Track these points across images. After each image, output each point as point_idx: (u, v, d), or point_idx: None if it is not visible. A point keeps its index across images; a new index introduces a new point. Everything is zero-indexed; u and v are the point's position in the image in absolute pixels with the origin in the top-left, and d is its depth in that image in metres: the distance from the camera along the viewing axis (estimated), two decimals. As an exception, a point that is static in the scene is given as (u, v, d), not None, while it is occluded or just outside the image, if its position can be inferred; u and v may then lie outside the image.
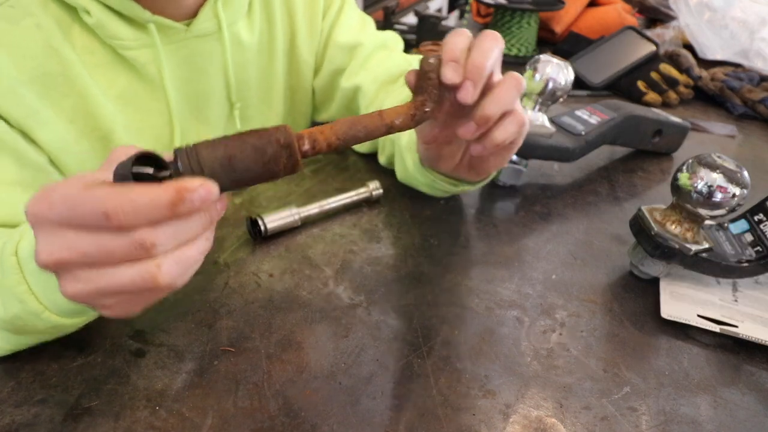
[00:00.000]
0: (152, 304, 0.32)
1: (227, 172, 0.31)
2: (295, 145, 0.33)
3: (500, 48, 0.41)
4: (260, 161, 0.32)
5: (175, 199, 0.28)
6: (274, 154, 0.32)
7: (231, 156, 0.31)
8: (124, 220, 0.27)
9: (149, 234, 0.28)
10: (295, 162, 0.33)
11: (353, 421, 0.38)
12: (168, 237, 0.29)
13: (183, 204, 0.28)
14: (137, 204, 0.27)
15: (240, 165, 0.31)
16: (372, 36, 0.72)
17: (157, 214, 0.28)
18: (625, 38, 1.05)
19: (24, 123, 0.47)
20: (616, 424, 0.39)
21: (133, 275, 0.29)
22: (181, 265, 0.30)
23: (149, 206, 0.27)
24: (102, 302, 0.30)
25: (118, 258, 0.28)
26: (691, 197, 0.48)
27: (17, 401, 0.39)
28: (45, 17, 0.47)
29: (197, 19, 0.54)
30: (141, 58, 0.52)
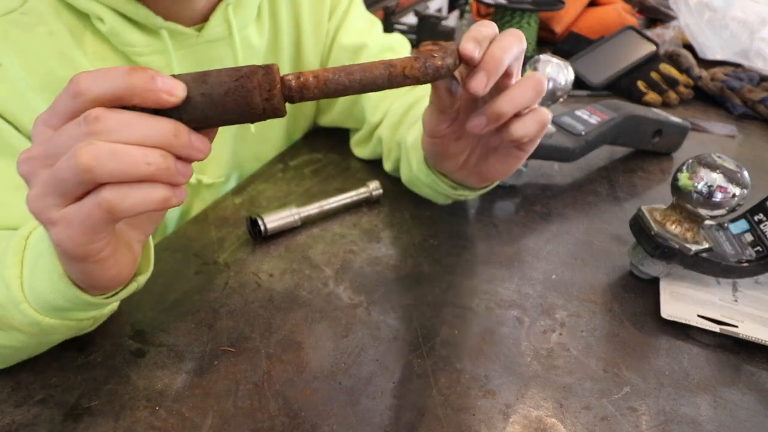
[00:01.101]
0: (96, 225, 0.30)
1: (198, 84, 0.30)
2: (273, 68, 0.31)
3: (522, 47, 0.39)
4: (234, 75, 0.30)
5: (133, 69, 0.28)
6: (248, 71, 0.31)
7: (205, 72, 0.31)
8: (82, 82, 0.28)
9: (98, 110, 0.28)
10: (272, 81, 0.31)
11: (353, 421, 0.38)
12: (115, 121, 0.28)
13: (142, 73, 0.28)
14: (97, 72, 0.29)
15: (212, 78, 0.30)
16: (378, 38, 0.71)
17: (113, 80, 0.28)
18: (625, 38, 1.05)
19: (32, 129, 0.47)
20: (616, 424, 0.39)
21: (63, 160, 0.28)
22: (113, 155, 0.28)
23: (106, 71, 0.28)
24: (49, 214, 0.30)
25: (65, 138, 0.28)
26: (691, 197, 0.48)
27: (17, 401, 0.39)
28: (57, 24, 0.47)
29: (208, 24, 0.54)
30: (153, 64, 0.52)
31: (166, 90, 0.29)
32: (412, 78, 0.35)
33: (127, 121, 0.29)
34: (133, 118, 0.29)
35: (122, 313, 0.46)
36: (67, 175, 0.28)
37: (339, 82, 0.33)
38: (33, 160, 0.30)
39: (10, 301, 0.36)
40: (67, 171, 0.28)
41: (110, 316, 0.45)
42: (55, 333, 0.40)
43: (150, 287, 0.48)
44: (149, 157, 0.29)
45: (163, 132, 0.29)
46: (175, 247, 0.54)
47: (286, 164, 0.70)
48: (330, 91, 0.33)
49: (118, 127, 0.28)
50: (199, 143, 0.31)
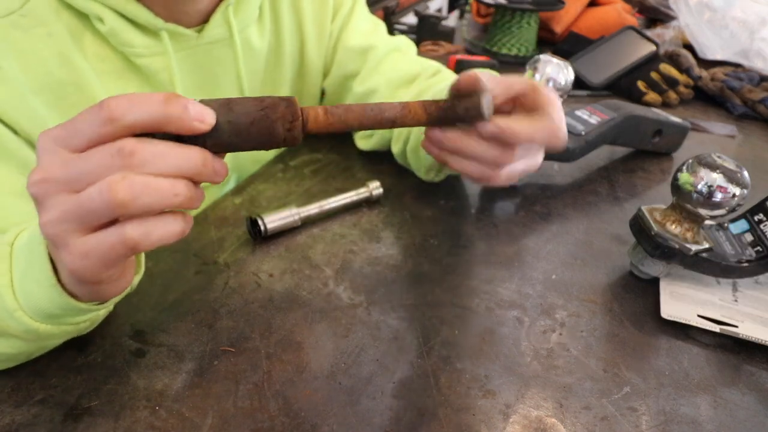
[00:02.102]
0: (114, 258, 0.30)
1: (225, 111, 0.31)
2: (295, 101, 0.33)
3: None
4: (258, 105, 0.32)
5: (168, 97, 0.28)
6: (272, 102, 0.33)
7: (230, 100, 0.32)
8: (114, 107, 0.27)
9: (132, 142, 0.28)
10: (295, 113, 0.33)
11: (353, 421, 0.38)
12: (149, 153, 0.28)
13: (176, 103, 0.28)
14: (131, 96, 0.28)
15: (238, 107, 0.32)
16: (384, 39, 0.71)
17: (147, 107, 0.28)
18: (625, 38, 1.05)
19: (32, 132, 0.47)
20: (616, 424, 0.39)
21: (94, 189, 0.28)
22: (147, 189, 0.28)
23: (141, 98, 0.28)
24: (66, 240, 0.29)
25: (96, 168, 0.28)
26: (691, 197, 0.48)
27: (17, 401, 0.38)
28: (57, 25, 0.47)
29: (208, 26, 0.54)
30: (153, 66, 0.52)
31: (198, 118, 0.29)
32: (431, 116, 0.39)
33: (161, 154, 0.29)
34: (166, 149, 0.29)
35: (122, 313, 0.46)
36: (97, 207, 0.28)
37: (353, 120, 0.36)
38: (50, 182, 0.29)
39: (4, 310, 0.36)
40: (99, 203, 0.28)
41: (110, 316, 0.45)
42: (53, 338, 0.40)
43: (150, 287, 0.48)
44: (177, 188, 0.29)
45: (193, 163, 0.30)
46: (175, 247, 0.54)
47: (286, 164, 0.70)
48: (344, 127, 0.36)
49: (153, 159, 0.28)
50: (220, 168, 0.32)
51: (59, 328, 0.38)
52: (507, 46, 1.14)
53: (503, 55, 1.14)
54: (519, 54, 1.14)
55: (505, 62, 1.12)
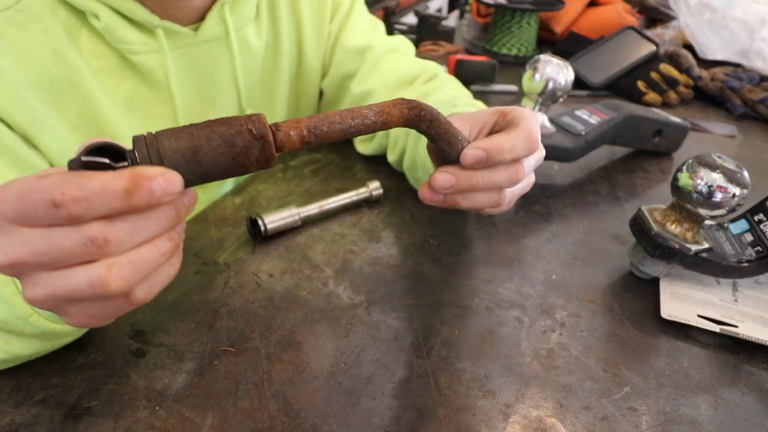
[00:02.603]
0: (120, 313, 0.30)
1: (191, 165, 0.28)
2: (269, 137, 0.30)
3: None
4: (229, 153, 0.29)
5: (130, 187, 0.26)
6: (244, 146, 0.29)
7: (196, 147, 0.28)
8: (74, 209, 0.25)
9: (102, 229, 0.26)
10: (269, 155, 0.30)
11: (353, 421, 0.38)
12: (124, 234, 0.27)
13: (140, 193, 0.26)
14: (87, 191, 0.25)
15: (206, 158, 0.28)
16: (383, 40, 0.71)
17: (111, 204, 0.26)
18: (625, 38, 1.05)
19: (28, 129, 0.47)
20: (616, 424, 0.39)
21: (83, 278, 0.27)
22: (136, 267, 0.27)
23: (101, 193, 0.25)
24: (64, 309, 0.29)
25: (69, 256, 0.26)
26: (691, 197, 0.48)
27: (17, 401, 0.38)
28: (53, 22, 0.47)
29: (204, 24, 0.54)
30: (148, 63, 0.52)
31: (165, 194, 0.27)
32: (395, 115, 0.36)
33: (134, 229, 0.27)
34: (138, 222, 0.27)
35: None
36: (91, 296, 0.27)
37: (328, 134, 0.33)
38: (22, 266, 0.27)
39: (17, 318, 0.36)
40: (91, 293, 0.27)
41: (110, 316, 0.45)
42: (69, 335, 0.40)
43: (150, 287, 0.48)
44: (162, 248, 0.29)
45: (167, 221, 0.29)
46: (175, 247, 0.54)
47: (286, 164, 0.70)
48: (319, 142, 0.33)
49: (127, 237, 0.27)
50: (192, 199, 0.31)
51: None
52: (507, 46, 1.14)
53: (503, 55, 1.14)
54: (519, 54, 1.14)
55: (505, 62, 1.12)
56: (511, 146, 0.39)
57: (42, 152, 0.49)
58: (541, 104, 0.64)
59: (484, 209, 0.44)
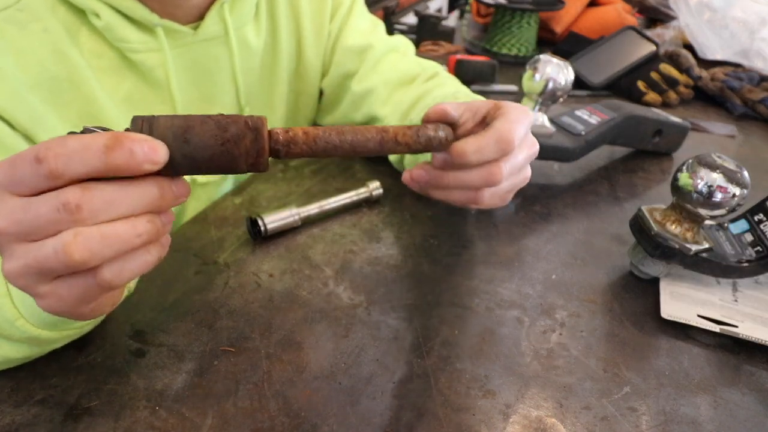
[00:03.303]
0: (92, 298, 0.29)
1: (180, 143, 0.28)
2: (263, 132, 0.30)
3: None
4: (219, 138, 0.28)
5: (110, 144, 0.26)
6: (236, 133, 0.29)
7: (188, 126, 0.28)
8: (53, 164, 0.25)
9: (75, 194, 0.26)
10: (261, 149, 0.30)
11: (353, 421, 0.38)
12: (99, 201, 0.26)
13: (120, 150, 0.26)
14: (69, 146, 0.25)
15: (196, 139, 0.28)
16: (383, 39, 0.71)
17: (89, 160, 0.25)
18: (625, 38, 1.05)
19: (28, 127, 0.47)
20: (616, 424, 0.39)
21: (49, 247, 0.26)
22: (105, 241, 0.26)
23: (81, 149, 0.25)
24: (36, 289, 0.28)
25: (44, 224, 0.26)
26: (691, 197, 0.48)
27: (17, 401, 0.38)
28: (53, 21, 0.47)
29: (204, 23, 0.54)
30: (148, 62, 0.52)
31: (148, 159, 0.27)
32: (404, 145, 0.36)
33: (111, 199, 0.27)
34: (116, 192, 0.27)
35: (122, 313, 0.46)
36: (56, 266, 0.27)
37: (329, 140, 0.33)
38: (3, 235, 0.27)
39: (5, 321, 0.36)
40: (56, 263, 0.26)
41: (110, 316, 0.45)
42: (56, 342, 0.40)
43: (150, 287, 0.48)
44: (138, 228, 0.28)
45: (149, 198, 0.28)
46: (175, 247, 0.54)
47: (286, 164, 0.70)
48: (318, 150, 0.32)
49: (103, 207, 0.26)
50: (181, 190, 0.30)
51: (61, 333, 0.38)
52: (507, 46, 1.14)
53: (503, 55, 1.14)
54: (519, 54, 1.14)
55: (505, 62, 1.12)
56: (476, 149, 0.39)
57: None
58: (541, 104, 0.64)
59: (460, 205, 0.45)
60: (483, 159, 0.40)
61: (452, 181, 0.41)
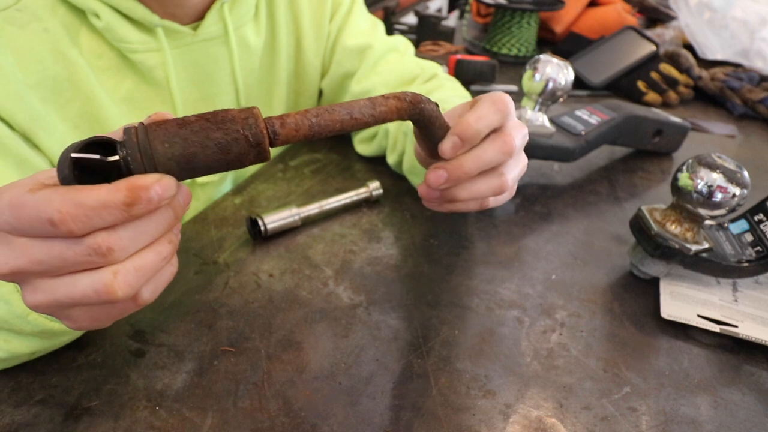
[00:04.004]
0: (123, 316, 0.30)
1: (185, 171, 0.28)
2: (265, 143, 0.30)
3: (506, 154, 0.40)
4: (223, 160, 0.29)
5: (129, 200, 0.26)
6: (239, 153, 0.29)
7: (190, 155, 0.28)
8: (74, 227, 0.25)
9: (105, 238, 0.26)
10: (264, 158, 0.30)
11: (353, 421, 0.38)
12: (126, 240, 0.27)
13: (139, 205, 0.26)
14: (86, 206, 0.25)
15: (200, 165, 0.28)
16: (382, 39, 0.71)
17: (111, 218, 0.26)
18: (625, 38, 1.05)
19: (28, 128, 0.47)
20: (616, 424, 0.39)
21: (87, 286, 0.27)
22: (140, 272, 0.28)
23: (100, 209, 0.25)
24: (66, 314, 0.29)
25: (72, 265, 0.26)
26: (691, 197, 0.48)
27: (17, 401, 0.38)
28: (53, 21, 0.47)
29: (204, 23, 0.55)
30: (148, 62, 0.52)
31: (163, 199, 0.27)
32: (393, 98, 0.35)
33: (136, 236, 0.27)
34: (139, 230, 0.27)
35: (122, 313, 0.46)
36: (96, 302, 0.27)
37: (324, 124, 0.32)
38: (22, 274, 0.27)
39: (16, 317, 0.36)
40: (97, 300, 0.27)
41: (110, 316, 0.45)
42: (67, 334, 0.40)
43: (150, 287, 0.48)
44: (163, 252, 0.29)
45: (167, 223, 0.29)
46: (175, 247, 0.54)
47: (286, 164, 0.70)
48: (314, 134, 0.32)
49: (131, 243, 0.27)
50: (188, 199, 0.31)
51: None
52: (507, 46, 1.14)
53: (503, 55, 1.14)
54: (519, 54, 1.14)
55: (505, 62, 1.12)
56: (477, 116, 0.38)
57: (42, 151, 0.49)
58: (541, 104, 0.64)
59: (487, 199, 0.42)
60: (488, 125, 0.39)
61: (471, 162, 0.39)
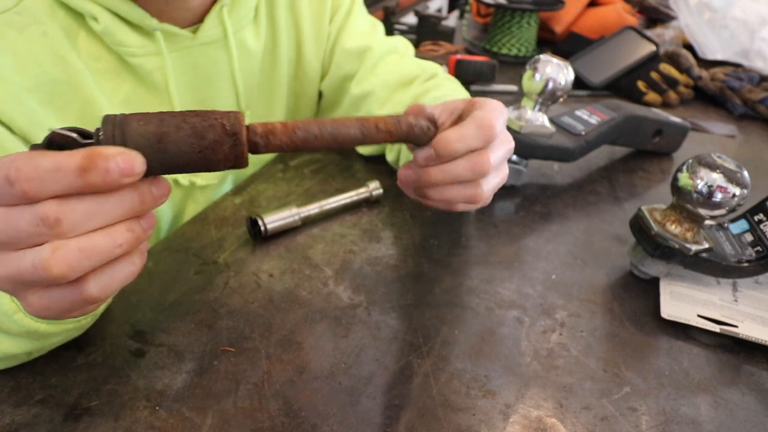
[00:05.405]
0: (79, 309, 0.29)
1: (156, 152, 0.27)
2: (242, 136, 0.29)
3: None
4: (196, 146, 0.28)
5: (84, 165, 0.25)
6: (214, 140, 0.28)
7: (163, 134, 0.27)
8: (26, 186, 0.25)
9: (53, 207, 0.25)
10: (240, 154, 0.29)
11: (353, 421, 0.38)
12: (78, 214, 0.26)
13: (95, 171, 0.25)
14: (41, 168, 0.25)
15: (172, 146, 0.27)
16: (382, 40, 0.71)
17: (64, 181, 0.25)
18: (625, 38, 1.05)
19: (27, 131, 0.47)
20: (616, 424, 0.39)
21: (28, 260, 0.26)
22: (84, 254, 0.26)
23: (54, 171, 0.25)
24: (22, 295, 0.28)
25: (24, 236, 0.26)
26: (691, 197, 0.48)
27: (17, 401, 0.38)
28: (51, 24, 0.47)
29: (203, 26, 0.54)
30: (147, 66, 0.52)
31: (124, 175, 0.26)
32: (385, 132, 0.35)
33: (90, 210, 0.26)
34: (95, 203, 0.26)
35: (122, 313, 0.46)
36: (35, 279, 0.26)
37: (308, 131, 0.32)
38: None
39: (3, 314, 0.36)
40: (35, 276, 0.26)
41: (110, 316, 0.45)
42: (56, 336, 0.40)
43: (150, 287, 0.48)
44: (117, 238, 0.27)
45: (129, 206, 0.28)
46: (175, 247, 0.54)
47: (286, 164, 0.70)
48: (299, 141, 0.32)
49: (82, 220, 0.26)
50: (161, 190, 0.29)
51: (60, 326, 0.38)
52: (507, 46, 1.14)
53: (503, 55, 1.14)
54: (519, 54, 1.14)
55: (505, 62, 1.12)
56: (459, 137, 0.38)
57: None
58: (541, 104, 0.64)
59: (457, 205, 0.43)
60: (467, 147, 0.39)
61: (440, 175, 0.39)
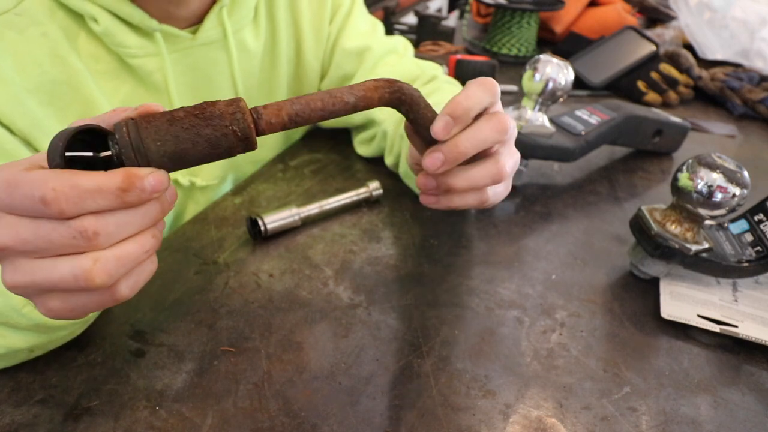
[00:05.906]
0: (99, 310, 0.30)
1: (176, 165, 0.30)
2: (252, 136, 0.31)
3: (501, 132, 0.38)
4: (214, 154, 0.31)
5: (124, 186, 0.26)
6: (228, 147, 0.31)
7: (182, 151, 0.30)
8: (65, 206, 0.25)
9: (92, 222, 0.26)
10: (250, 147, 0.32)
11: (353, 421, 0.38)
12: (113, 227, 0.27)
13: (133, 191, 0.27)
14: (81, 188, 0.26)
15: (191, 158, 0.30)
16: (381, 41, 0.71)
17: (104, 202, 0.26)
18: (625, 38, 1.05)
19: (27, 132, 0.47)
20: (616, 424, 0.39)
21: (67, 270, 0.27)
22: (121, 262, 0.28)
23: (95, 192, 0.26)
24: (42, 299, 0.29)
25: (57, 247, 0.27)
26: (691, 197, 0.48)
27: (17, 401, 0.38)
28: (51, 25, 0.47)
29: (202, 27, 0.54)
30: (147, 66, 0.52)
31: (156, 191, 0.28)
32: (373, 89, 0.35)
33: (122, 223, 0.28)
34: (127, 216, 0.28)
35: (122, 313, 0.46)
36: (74, 287, 0.27)
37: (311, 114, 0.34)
38: (5, 250, 0.27)
39: (11, 309, 0.36)
40: (74, 285, 0.27)
41: (110, 316, 0.45)
42: (62, 330, 0.40)
43: (150, 287, 0.48)
44: (146, 245, 0.29)
45: (153, 216, 0.30)
46: (175, 247, 0.54)
47: (286, 164, 0.70)
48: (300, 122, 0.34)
49: (116, 231, 0.28)
50: (174, 197, 0.31)
51: (69, 321, 0.39)
52: (507, 46, 1.14)
53: (503, 55, 1.14)
54: (519, 54, 1.14)
55: (505, 62, 1.12)
56: (466, 96, 0.37)
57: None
58: (541, 104, 0.64)
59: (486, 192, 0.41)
60: (479, 103, 0.37)
61: (466, 140, 0.37)
